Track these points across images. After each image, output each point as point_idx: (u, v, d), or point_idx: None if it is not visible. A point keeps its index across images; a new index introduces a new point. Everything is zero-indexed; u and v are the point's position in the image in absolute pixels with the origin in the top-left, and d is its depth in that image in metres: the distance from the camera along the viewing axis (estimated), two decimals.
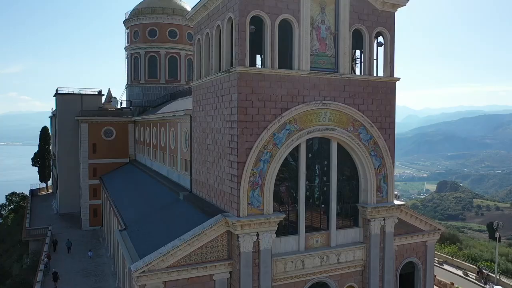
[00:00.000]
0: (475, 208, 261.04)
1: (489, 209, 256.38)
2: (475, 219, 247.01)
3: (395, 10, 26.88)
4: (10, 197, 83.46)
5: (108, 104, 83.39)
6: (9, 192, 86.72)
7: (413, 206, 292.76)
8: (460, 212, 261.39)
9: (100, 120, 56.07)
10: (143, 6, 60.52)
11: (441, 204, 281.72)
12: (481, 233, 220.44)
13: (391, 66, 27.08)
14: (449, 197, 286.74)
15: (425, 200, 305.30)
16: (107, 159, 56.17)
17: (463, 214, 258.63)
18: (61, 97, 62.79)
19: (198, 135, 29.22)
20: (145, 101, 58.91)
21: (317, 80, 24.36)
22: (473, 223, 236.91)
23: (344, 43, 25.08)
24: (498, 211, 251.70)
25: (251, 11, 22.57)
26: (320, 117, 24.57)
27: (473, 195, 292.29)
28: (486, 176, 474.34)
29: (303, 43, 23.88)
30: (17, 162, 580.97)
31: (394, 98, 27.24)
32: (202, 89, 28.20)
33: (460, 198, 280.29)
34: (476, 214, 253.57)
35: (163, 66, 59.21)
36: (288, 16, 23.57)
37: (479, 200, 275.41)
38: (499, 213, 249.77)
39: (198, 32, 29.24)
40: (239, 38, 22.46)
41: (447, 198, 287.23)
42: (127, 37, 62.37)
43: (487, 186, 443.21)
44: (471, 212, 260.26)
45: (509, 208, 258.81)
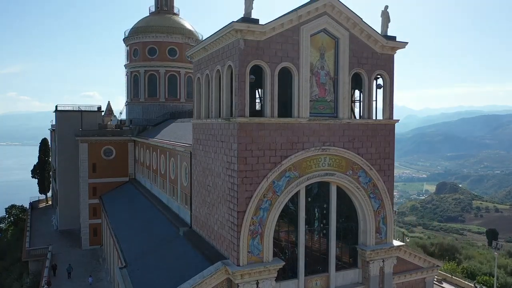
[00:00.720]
0: (475, 209, 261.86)
1: (488, 210, 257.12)
2: (474, 220, 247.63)
3: (394, 53, 27.00)
4: (9, 209, 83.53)
5: (108, 117, 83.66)
6: (9, 190, 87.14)
7: (413, 207, 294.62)
8: (460, 214, 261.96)
9: (100, 140, 56.15)
10: (142, 24, 60.60)
11: (441, 206, 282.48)
12: (481, 235, 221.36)
13: (390, 108, 27.21)
14: (448, 199, 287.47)
15: (424, 202, 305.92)
16: (107, 178, 56.27)
17: (462, 216, 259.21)
18: (61, 114, 63.01)
19: (198, 173, 29.32)
20: (145, 119, 59.02)
21: (316, 126, 24.48)
22: (473, 225, 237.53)
23: (344, 88, 25.19)
24: (497, 213, 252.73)
25: (251, 61, 22.67)
26: (319, 163, 24.69)
27: (472, 197, 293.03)
28: (485, 177, 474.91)
29: (302, 90, 23.99)
30: (17, 163, 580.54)
31: (393, 140, 27.37)
32: (202, 129, 28.29)
33: (460, 199, 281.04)
34: (475, 215, 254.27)
35: (162, 84, 59.31)
36: (288, 64, 23.67)
37: (478, 201, 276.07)
38: (498, 214, 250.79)
39: (198, 71, 29.30)
40: (239, 89, 22.55)
41: (446, 200, 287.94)
42: (126, 55, 62.43)
43: (487, 186, 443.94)
44: (470, 213, 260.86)
45: (508, 209, 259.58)
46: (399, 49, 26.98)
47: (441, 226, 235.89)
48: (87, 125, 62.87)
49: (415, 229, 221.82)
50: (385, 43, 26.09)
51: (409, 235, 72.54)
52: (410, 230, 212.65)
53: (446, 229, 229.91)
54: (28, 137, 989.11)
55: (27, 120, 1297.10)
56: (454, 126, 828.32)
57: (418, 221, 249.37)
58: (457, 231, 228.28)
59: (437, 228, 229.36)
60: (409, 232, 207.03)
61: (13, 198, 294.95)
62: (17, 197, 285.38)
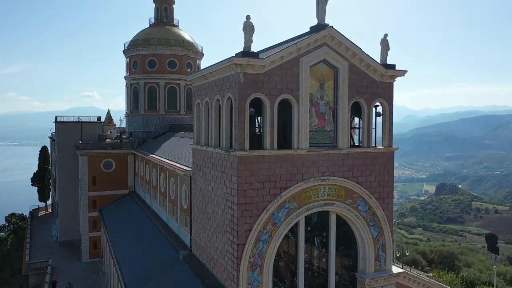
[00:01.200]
0: (474, 211, 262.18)
1: (488, 212, 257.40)
2: (474, 222, 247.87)
3: (394, 81, 27.07)
4: (9, 218, 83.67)
5: (107, 126, 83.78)
6: (9, 191, 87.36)
7: (412, 208, 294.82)
8: (459, 215, 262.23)
9: (100, 153, 56.19)
10: (142, 37, 60.61)
11: (440, 207, 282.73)
12: (480, 237, 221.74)
13: (389, 136, 27.28)
14: (448, 200, 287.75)
15: (424, 203, 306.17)
16: (107, 191, 56.35)
17: (462, 217, 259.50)
18: (60, 125, 63.13)
19: (198, 199, 29.39)
20: (145, 132, 59.06)
21: (316, 157, 24.54)
22: (472, 226, 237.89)
23: (343, 117, 25.26)
24: (497, 214, 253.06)
25: (251, 94, 22.73)
26: (319, 193, 24.77)
27: (472, 198, 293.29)
28: (485, 177, 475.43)
29: (302, 121, 24.05)
30: (16, 163, 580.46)
31: (393, 167, 27.45)
32: (202, 156, 28.35)
33: (459, 200, 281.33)
34: (475, 217, 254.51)
35: (162, 97, 59.36)
36: (288, 96, 23.73)
37: (478, 202, 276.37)
38: (497, 216, 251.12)
39: (198, 97, 29.36)
40: (239, 122, 22.61)
41: (446, 201, 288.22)
42: (126, 66, 62.47)
43: (486, 187, 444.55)
44: (470, 215, 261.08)
45: (508, 211, 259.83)
46: (398, 76, 27.06)
47: (441, 228, 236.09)
48: (87, 136, 62.98)
49: (414, 231, 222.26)
50: (385, 72, 26.17)
51: (408, 250, 72.55)
52: (410, 232, 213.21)
53: (445, 231, 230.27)
54: (27, 138, 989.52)
55: (26, 120, 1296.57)
56: (453, 126, 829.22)
57: (418, 222, 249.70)
58: (457, 233, 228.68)
59: (437, 230, 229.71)
60: (408, 234, 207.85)
61: (13, 199, 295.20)
62: (17, 197, 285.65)
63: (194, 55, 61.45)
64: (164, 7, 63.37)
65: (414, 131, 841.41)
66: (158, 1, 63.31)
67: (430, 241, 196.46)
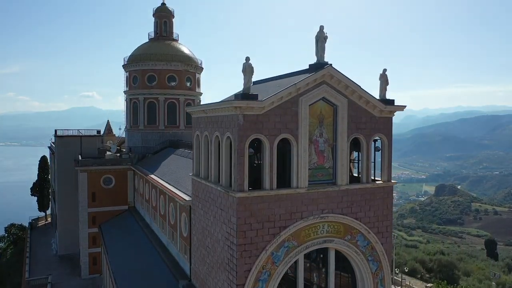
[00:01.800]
0: (473, 212, 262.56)
1: (487, 213, 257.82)
2: (473, 223, 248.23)
3: (393, 115, 27.14)
4: (9, 228, 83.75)
5: (107, 136, 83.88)
6: (9, 192, 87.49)
7: (412, 210, 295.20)
8: (459, 217, 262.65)
9: (99, 169, 56.24)
10: (141, 52, 60.63)
11: (440, 208, 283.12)
12: (479, 238, 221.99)
13: (388, 170, 27.35)
14: (447, 201, 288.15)
15: (423, 204, 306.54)
16: (106, 207, 56.45)
17: (461, 219, 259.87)
18: (60, 139, 63.27)
19: (197, 230, 29.45)
20: (144, 147, 59.12)
21: (315, 195, 24.61)
22: (472, 228, 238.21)
23: (342, 155, 25.32)
24: (496, 215, 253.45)
25: (250, 135, 22.79)
26: (318, 230, 24.85)
27: (471, 199, 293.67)
28: (484, 178, 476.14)
29: (301, 160, 24.11)
30: (16, 163, 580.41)
31: (391, 201, 27.53)
32: (202, 188, 28.41)
33: (459, 202, 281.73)
34: (474, 218, 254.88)
35: (162, 112, 59.41)
36: (287, 136, 23.79)
37: (477, 204, 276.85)
38: (497, 217, 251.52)
39: (197, 129, 29.40)
40: (238, 163, 22.68)
41: (445, 202, 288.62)
42: (126, 81, 62.52)
43: (485, 187, 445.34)
44: (469, 216, 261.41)
45: (507, 212, 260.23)
46: (397, 111, 27.14)
47: (440, 229, 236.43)
48: (87, 150, 63.14)
49: (414, 232, 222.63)
50: (384, 108, 26.25)
51: (407, 259, 72.80)
52: (409, 234, 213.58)
53: (445, 232, 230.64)
54: (27, 138, 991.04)
55: (26, 121, 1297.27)
56: (453, 127, 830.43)
57: (417, 224, 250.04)
58: (456, 234, 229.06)
59: (436, 231, 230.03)
60: (408, 236, 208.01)
61: (13, 200, 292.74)
62: (17, 197, 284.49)
63: (193, 70, 61.49)
64: (164, 21, 63.42)
65: (413, 131, 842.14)
66: (158, 16, 63.34)
67: (429, 243, 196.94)
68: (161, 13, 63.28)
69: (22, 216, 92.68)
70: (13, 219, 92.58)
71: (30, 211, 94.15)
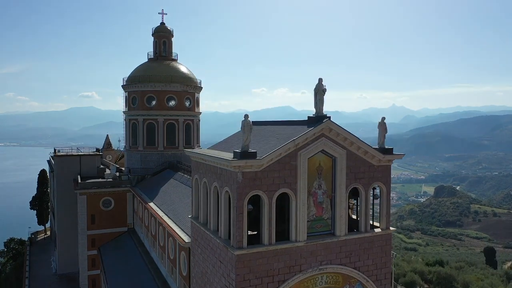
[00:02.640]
0: (472, 214, 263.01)
1: (486, 215, 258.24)
2: (472, 225, 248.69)
3: (391, 163, 27.22)
4: (8, 243, 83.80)
5: (106, 151, 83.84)
6: (8, 193, 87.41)
7: (411, 211, 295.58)
8: (458, 218, 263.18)
9: (99, 192, 56.29)
10: (141, 73, 60.63)
11: (439, 210, 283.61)
12: (479, 241, 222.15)
13: (387, 218, 27.42)
14: (447, 203, 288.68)
15: (422, 205, 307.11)
16: (106, 229, 56.54)
17: (460, 220, 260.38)
18: (59, 159, 63.28)
19: (197, 274, 29.51)
20: (144, 169, 59.13)
21: (314, 247, 24.67)
22: (471, 230, 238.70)
23: (341, 206, 25.37)
24: (495, 217, 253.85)
25: (249, 192, 22.84)
26: (316, 282, 24.92)
27: (470, 200, 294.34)
28: (483, 178, 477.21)
29: (300, 213, 24.17)
30: (15, 164, 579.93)
31: (390, 249, 27.60)
32: (201, 234, 28.47)
33: (458, 203, 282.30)
34: (473, 220, 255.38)
35: (161, 133, 59.43)
36: (286, 190, 23.84)
37: (477, 205, 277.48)
38: (496, 219, 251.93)
39: (196, 173, 29.45)
40: (237, 221, 22.74)
41: (444, 204, 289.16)
42: (125, 101, 62.53)
43: (485, 188, 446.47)
44: (468, 218, 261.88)
45: (506, 214, 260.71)
46: (396, 159, 27.22)
47: (440, 231, 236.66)
48: (86, 168, 63.32)
49: (413, 234, 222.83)
50: (382, 158, 26.32)
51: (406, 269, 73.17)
52: (409, 236, 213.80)
53: (444, 234, 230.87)
54: (26, 138, 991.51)
55: (25, 121, 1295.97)
56: (452, 127, 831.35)
57: (417, 226, 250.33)
58: (455, 237, 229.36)
59: (436, 233, 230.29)
60: (407, 238, 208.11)
61: (13, 200, 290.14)
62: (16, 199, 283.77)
63: (193, 90, 61.52)
64: (163, 41, 63.38)
65: (413, 131, 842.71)
66: (157, 36, 63.33)
67: (429, 246, 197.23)
68: (160, 33, 63.25)
69: (22, 216, 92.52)
70: (14, 224, 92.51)
71: (30, 214, 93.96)
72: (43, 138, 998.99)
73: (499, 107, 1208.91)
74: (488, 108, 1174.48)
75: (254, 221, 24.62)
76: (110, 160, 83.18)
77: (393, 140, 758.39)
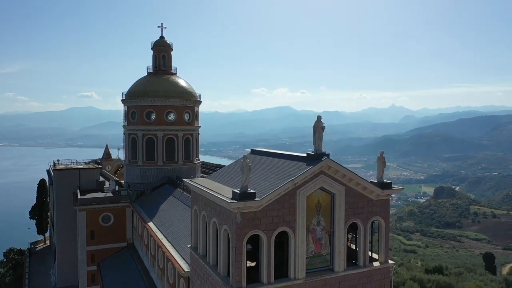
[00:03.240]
0: (472, 215, 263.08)
1: (485, 216, 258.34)
2: (472, 226, 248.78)
3: (389, 197, 27.26)
4: (8, 253, 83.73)
5: (105, 161, 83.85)
6: (8, 193, 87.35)
7: (411, 212, 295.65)
8: (457, 220, 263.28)
9: (98, 208, 56.33)
10: (140, 88, 60.62)
11: (438, 211, 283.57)
12: (478, 242, 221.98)
13: (385, 251, 27.46)
14: (446, 204, 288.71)
15: (422, 207, 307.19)
16: (105, 244, 56.56)
17: (460, 222, 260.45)
18: (59, 172, 63.22)
19: None
20: (143, 184, 59.17)
21: (313, 284, 24.71)
22: (470, 231, 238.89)
23: (339, 242, 25.41)
24: (494, 219, 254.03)
25: (248, 232, 22.89)
26: None
27: (469, 202, 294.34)
28: (483, 179, 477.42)
29: (299, 251, 24.21)
30: (14, 164, 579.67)
31: (389, 282, 27.64)
32: (200, 267, 28.49)
33: (457, 205, 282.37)
34: (472, 221, 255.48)
35: (160, 148, 59.43)
36: (285, 228, 23.89)
37: (476, 206, 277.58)
38: (495, 220, 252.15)
39: (195, 204, 29.48)
40: (236, 261, 22.77)
41: (444, 205, 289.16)
42: (125, 116, 62.55)
43: (484, 189, 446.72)
44: (467, 219, 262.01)
45: (506, 215, 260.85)
46: (395, 193, 27.25)
47: (439, 233, 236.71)
48: (85, 182, 63.39)
49: (412, 236, 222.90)
50: (381, 193, 26.37)
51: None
52: (408, 238, 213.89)
53: (443, 236, 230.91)
54: (25, 138, 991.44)
55: (24, 121, 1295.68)
56: (452, 127, 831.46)
57: (416, 227, 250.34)
58: (455, 238, 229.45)
59: (435, 235, 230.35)
60: (407, 240, 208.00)
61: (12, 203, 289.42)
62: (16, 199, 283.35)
63: (192, 104, 61.56)
64: (163, 55, 63.38)
65: (412, 131, 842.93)
66: (156, 50, 63.31)
67: (428, 247, 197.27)
68: (160, 47, 63.21)
69: (22, 219, 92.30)
70: (14, 224, 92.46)
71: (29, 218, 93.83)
72: (43, 138, 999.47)
73: (498, 107, 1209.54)
74: (487, 108, 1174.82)
75: (253, 252, 24.75)
76: (109, 171, 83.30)
77: (392, 140, 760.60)
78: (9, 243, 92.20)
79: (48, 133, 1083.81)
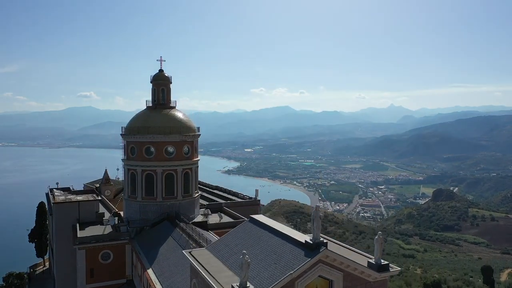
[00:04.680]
0: (471, 218, 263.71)
1: (484, 219, 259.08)
2: (470, 229, 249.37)
3: (387, 278, 27.50)
4: (7, 278, 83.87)
5: (105, 186, 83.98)
6: (8, 194, 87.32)
7: (409, 215, 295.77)
8: (456, 223, 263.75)
9: (97, 246, 56.48)
10: (139, 124, 60.69)
11: (437, 214, 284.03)
12: (476, 246, 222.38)
13: None
14: (445, 207, 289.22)
15: (421, 209, 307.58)
16: (105, 282, 56.61)
17: (458, 225, 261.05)
18: (58, 206, 63.38)
19: None
20: (143, 220, 59.37)
21: None
22: (469, 235, 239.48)
23: None
24: (493, 222, 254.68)
25: None
26: None
27: (468, 204, 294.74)
28: (481, 180, 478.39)
29: None
30: (13, 164, 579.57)
31: None
32: None
33: (456, 207, 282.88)
34: (471, 224, 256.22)
35: (160, 183, 59.58)
36: None
37: (475, 209, 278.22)
38: (494, 223, 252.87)
39: (194, 277, 29.67)
40: None
41: (442, 208, 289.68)
42: (124, 150, 62.69)
43: (483, 190, 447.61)
44: (466, 222, 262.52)
45: (504, 218, 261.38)
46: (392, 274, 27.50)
47: (438, 236, 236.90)
48: (85, 214, 63.64)
49: (411, 240, 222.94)
50: (378, 276, 26.62)
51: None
52: (407, 242, 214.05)
53: (442, 239, 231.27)
54: (24, 138, 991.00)
55: (23, 121, 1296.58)
56: (450, 127, 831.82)
57: (415, 230, 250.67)
58: (453, 241, 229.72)
59: (434, 239, 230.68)
60: (405, 244, 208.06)
61: (12, 202, 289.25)
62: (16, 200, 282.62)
63: (191, 139, 61.71)
64: (162, 89, 63.51)
65: (411, 132, 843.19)
66: (156, 84, 63.43)
67: (427, 252, 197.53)
68: (159, 81, 63.28)
69: (23, 214, 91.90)
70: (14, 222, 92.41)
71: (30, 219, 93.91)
72: (41, 138, 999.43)
73: (497, 107, 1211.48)
74: (486, 108, 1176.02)
75: None
76: (108, 195, 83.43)
77: (391, 140, 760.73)
78: (11, 243, 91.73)
79: (47, 133, 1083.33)
